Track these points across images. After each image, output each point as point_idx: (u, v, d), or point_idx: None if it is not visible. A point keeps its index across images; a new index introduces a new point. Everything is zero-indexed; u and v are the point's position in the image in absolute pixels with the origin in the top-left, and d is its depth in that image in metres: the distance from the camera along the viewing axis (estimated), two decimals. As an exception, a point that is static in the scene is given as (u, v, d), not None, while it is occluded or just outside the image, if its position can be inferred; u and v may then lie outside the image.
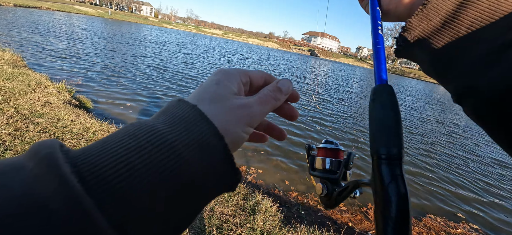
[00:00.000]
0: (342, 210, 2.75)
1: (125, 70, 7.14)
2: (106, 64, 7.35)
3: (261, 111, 0.24)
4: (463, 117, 11.70)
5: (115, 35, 17.18)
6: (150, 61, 9.30)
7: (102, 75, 6.10)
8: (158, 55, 11.34)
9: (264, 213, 1.85)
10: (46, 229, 0.12)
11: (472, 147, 6.46)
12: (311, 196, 2.87)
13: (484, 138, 7.82)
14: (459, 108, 0.25)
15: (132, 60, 8.85)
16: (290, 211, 2.48)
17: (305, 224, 2.02)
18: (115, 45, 12.01)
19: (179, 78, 7.60)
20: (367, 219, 2.67)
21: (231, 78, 0.24)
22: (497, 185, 4.29)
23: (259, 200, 2.01)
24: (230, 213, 1.79)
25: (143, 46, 13.80)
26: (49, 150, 0.15)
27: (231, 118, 0.21)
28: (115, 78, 6.04)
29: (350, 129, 5.83)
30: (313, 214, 2.56)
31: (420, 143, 5.83)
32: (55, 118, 2.56)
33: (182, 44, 20.29)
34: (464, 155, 5.58)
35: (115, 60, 8.33)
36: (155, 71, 7.86)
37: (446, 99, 19.36)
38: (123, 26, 30.21)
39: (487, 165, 5.24)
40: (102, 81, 5.57)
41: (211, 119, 0.19)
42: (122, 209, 0.14)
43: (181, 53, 13.95)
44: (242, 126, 0.22)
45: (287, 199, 2.74)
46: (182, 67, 9.44)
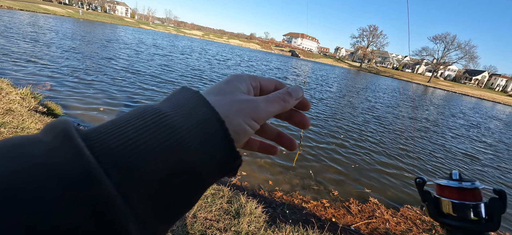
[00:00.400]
0: (325, 206, 2.81)
1: (98, 73, 6.75)
2: (77, 67, 6.89)
3: (267, 108, 0.24)
4: (433, 112, 12.58)
5: (87, 36, 16.19)
6: (124, 64, 8.87)
7: (72, 79, 5.71)
8: (133, 57, 10.86)
9: (249, 215, 1.84)
10: (62, 194, 0.13)
11: (441, 140, 6.97)
12: (296, 195, 2.91)
13: (451, 131, 8.48)
14: (431, 104, 0.26)
15: (105, 63, 8.38)
16: (276, 211, 2.48)
17: (289, 224, 2.03)
18: (87, 47, 11.31)
19: (155, 82, 7.33)
20: (350, 213, 2.76)
21: (241, 79, 0.25)
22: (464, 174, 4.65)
23: (243, 203, 1.99)
24: (214, 218, 1.75)
25: (117, 47, 13.13)
26: (64, 126, 0.16)
27: (234, 108, 0.22)
28: (87, 82, 5.68)
29: (335, 132, 5.99)
30: (298, 212, 2.59)
31: (399, 138, 6.16)
32: (19, 127, 2.34)
33: (161, 46, 19.64)
34: (435, 148, 6.00)
35: (86, 63, 7.83)
36: (130, 73, 7.51)
37: (417, 96, 20.67)
38: (96, 27, 28.57)
39: (454, 156, 5.67)
40: (73, 86, 5.21)
41: (214, 106, 0.20)
42: (128, 180, 0.15)
43: (159, 55, 13.48)
44: (244, 116, 0.22)
45: (272, 199, 2.75)
46: (158, 70, 9.10)
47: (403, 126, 7.71)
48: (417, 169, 4.46)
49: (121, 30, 32.17)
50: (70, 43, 11.41)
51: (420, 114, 10.94)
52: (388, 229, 2.64)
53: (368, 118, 7.79)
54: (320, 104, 8.61)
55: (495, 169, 5.34)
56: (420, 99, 18.16)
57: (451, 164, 5.13)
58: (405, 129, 7.40)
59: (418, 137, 6.73)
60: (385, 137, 6.02)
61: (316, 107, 7.89)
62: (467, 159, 5.63)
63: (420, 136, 6.90)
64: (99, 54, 9.97)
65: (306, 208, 2.70)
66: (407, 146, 5.64)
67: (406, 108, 12.19)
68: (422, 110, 12.37)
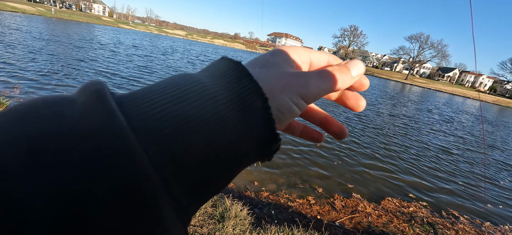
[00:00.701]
0: (311, 203, 2.85)
1: (69, 76, 6.38)
2: (49, 70, 6.46)
3: (319, 85, 0.20)
4: (411, 109, 13.24)
5: (60, 36, 15.23)
6: (97, 65, 8.43)
7: (43, 81, 5.35)
8: (110, 59, 10.36)
9: (234, 218, 1.81)
10: (94, 157, 0.12)
11: (418, 135, 7.35)
12: (282, 194, 2.92)
13: (427, 126, 8.97)
14: (408, 101, 0.24)
15: (78, 65, 7.93)
16: (262, 212, 2.47)
17: (275, 224, 2.03)
18: (60, 47, 10.63)
19: (132, 83, 7.06)
20: (334, 209, 2.82)
21: (290, 50, 0.22)
22: (438, 168, 4.94)
23: (228, 206, 1.95)
24: (197, 223, 1.70)
25: (92, 48, 12.48)
26: (98, 87, 0.16)
27: (279, 83, 0.19)
28: (59, 86, 5.35)
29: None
30: (284, 211, 2.60)
31: (380, 135, 6.41)
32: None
33: (141, 46, 18.97)
34: (412, 144, 6.31)
35: (59, 64, 7.37)
36: (103, 76, 7.17)
37: (395, 93, 21.66)
38: (70, 26, 26.97)
39: (430, 150, 6.01)
40: (44, 89, 4.88)
41: (257, 78, 0.18)
42: (163, 153, 0.14)
43: (138, 56, 12.99)
44: (291, 93, 0.19)
45: (258, 200, 2.74)
46: (137, 72, 8.75)
47: (383, 122, 8.03)
48: (395, 163, 4.66)
49: (98, 29, 30.63)
50: (42, 44, 10.67)
51: (398, 110, 11.47)
52: (371, 222, 2.72)
53: (350, 116, 8.04)
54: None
55: (468, 163, 5.72)
56: (399, 96, 19.05)
57: (427, 156, 5.42)
58: (385, 125, 7.72)
59: (399, 133, 7.05)
60: (367, 133, 6.24)
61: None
62: (442, 153, 5.99)
63: (399, 132, 7.23)
64: (74, 55, 9.41)
65: (292, 206, 2.71)
66: (390, 143, 5.89)
67: (386, 105, 12.73)
68: (400, 107, 12.98)
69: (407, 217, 2.93)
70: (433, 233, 2.75)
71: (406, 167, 4.51)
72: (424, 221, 2.92)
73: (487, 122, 13.95)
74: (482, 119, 12.71)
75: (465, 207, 3.51)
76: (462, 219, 3.14)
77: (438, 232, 2.79)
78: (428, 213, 3.12)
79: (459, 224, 3.01)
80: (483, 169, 5.31)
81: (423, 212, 3.12)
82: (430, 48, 63.17)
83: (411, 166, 4.59)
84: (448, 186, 4.07)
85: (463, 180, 4.46)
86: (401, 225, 2.77)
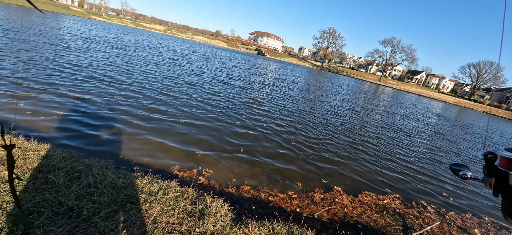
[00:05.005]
0: (292, 197, 2.90)
1: (27, 71, 5.82)
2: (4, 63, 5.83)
3: None
4: (385, 105, 14.01)
5: (19, 27, 13.80)
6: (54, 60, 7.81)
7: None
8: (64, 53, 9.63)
9: (215, 215, 1.78)
10: None
11: (391, 133, 7.82)
12: (263, 189, 2.93)
13: (400, 122, 9.56)
14: (380, 98, 0.25)
15: (33, 57, 7.27)
16: (243, 207, 2.46)
17: (256, 219, 2.03)
18: (17, 39, 9.64)
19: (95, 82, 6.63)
20: (314, 203, 2.90)
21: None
22: (413, 161, 5.31)
23: (209, 203, 1.92)
24: (176, 221, 1.64)
25: (57, 40, 11.50)
26: None
27: None
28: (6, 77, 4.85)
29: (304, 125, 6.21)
30: (265, 206, 2.62)
31: (359, 133, 6.71)
32: None
33: (91, 38, 17.83)
34: (387, 140, 6.71)
35: (16, 58, 6.69)
36: (60, 69, 6.66)
37: (370, 94, 22.78)
38: (33, 15, 24.56)
39: (405, 145, 6.43)
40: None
41: None
42: None
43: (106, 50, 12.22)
44: None
45: (239, 195, 2.72)
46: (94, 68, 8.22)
47: (363, 121, 8.44)
48: (378, 155, 4.92)
49: (67, 20, 28.25)
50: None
51: (375, 108, 12.12)
52: (346, 213, 2.85)
53: (328, 117, 8.33)
54: (288, 101, 8.90)
55: (433, 162, 6.22)
56: (373, 97, 20.09)
57: (404, 151, 5.80)
58: (364, 124, 8.11)
59: (376, 132, 7.44)
60: (347, 131, 6.51)
61: (292, 103, 8.12)
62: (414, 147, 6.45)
63: (376, 131, 7.64)
64: (32, 47, 8.58)
65: (272, 201, 2.74)
66: (365, 139, 6.19)
67: (362, 109, 13.37)
68: (375, 105, 13.72)
69: (380, 208, 3.11)
70: (402, 221, 2.95)
71: (382, 159, 4.79)
72: (396, 211, 3.13)
73: (445, 119, 15.29)
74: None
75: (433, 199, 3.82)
76: (429, 209, 3.41)
77: (407, 221, 2.99)
78: (401, 204, 3.35)
79: (426, 213, 3.27)
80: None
81: (396, 203, 3.34)
82: (401, 51, 67.64)
83: (388, 159, 4.89)
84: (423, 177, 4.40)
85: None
86: (373, 215, 2.93)
